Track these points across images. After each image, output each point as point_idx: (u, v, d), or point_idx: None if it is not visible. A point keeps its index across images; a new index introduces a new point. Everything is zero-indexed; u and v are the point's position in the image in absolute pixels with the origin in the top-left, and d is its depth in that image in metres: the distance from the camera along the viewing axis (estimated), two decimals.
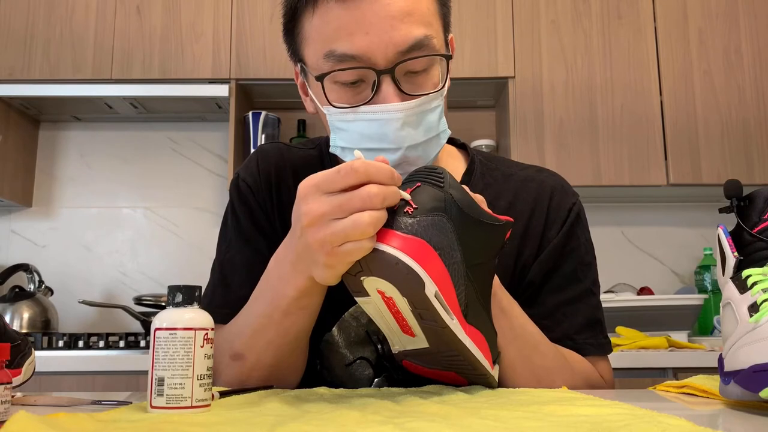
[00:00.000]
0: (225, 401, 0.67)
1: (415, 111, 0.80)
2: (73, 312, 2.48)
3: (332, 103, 0.82)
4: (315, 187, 0.67)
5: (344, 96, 0.82)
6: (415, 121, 0.81)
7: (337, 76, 0.80)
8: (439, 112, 0.84)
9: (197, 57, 2.36)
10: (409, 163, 0.81)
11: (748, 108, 2.34)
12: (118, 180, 2.62)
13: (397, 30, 0.78)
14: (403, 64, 0.79)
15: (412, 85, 0.81)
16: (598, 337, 0.94)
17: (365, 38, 0.78)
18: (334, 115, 0.83)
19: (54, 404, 0.70)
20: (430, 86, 0.82)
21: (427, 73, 0.82)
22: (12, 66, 2.34)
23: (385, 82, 0.79)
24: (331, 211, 0.65)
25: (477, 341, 0.70)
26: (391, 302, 0.66)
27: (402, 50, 0.79)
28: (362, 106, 0.80)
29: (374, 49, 0.78)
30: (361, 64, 0.79)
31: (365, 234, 0.63)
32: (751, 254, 0.68)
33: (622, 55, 2.37)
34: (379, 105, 0.79)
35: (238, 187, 0.98)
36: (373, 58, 0.79)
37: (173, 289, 0.61)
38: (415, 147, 0.81)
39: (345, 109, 0.81)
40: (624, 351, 1.92)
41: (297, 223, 0.69)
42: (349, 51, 0.79)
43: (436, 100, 0.83)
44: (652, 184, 2.31)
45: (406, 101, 0.80)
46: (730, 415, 0.60)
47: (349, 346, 0.90)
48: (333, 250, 0.65)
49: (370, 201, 0.63)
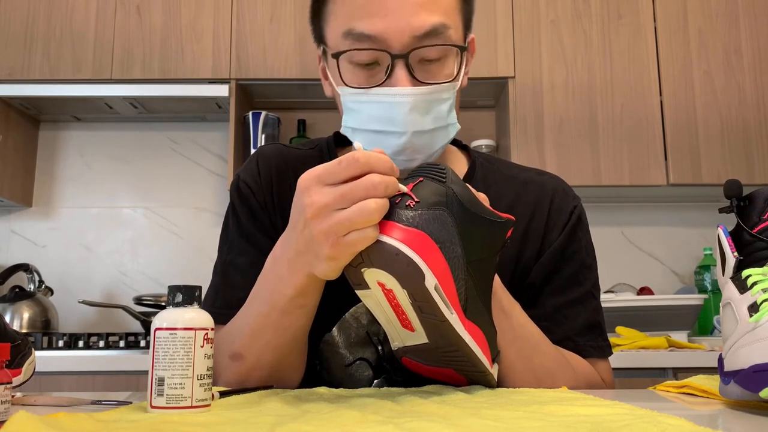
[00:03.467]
0: (225, 401, 0.67)
1: (424, 98, 0.81)
2: (73, 312, 2.48)
3: (347, 83, 0.84)
4: (316, 179, 0.67)
5: (359, 77, 0.83)
6: (424, 108, 0.81)
7: (353, 55, 0.82)
8: (450, 104, 0.85)
9: (197, 57, 2.36)
10: (415, 150, 0.81)
11: (748, 108, 2.34)
12: (118, 180, 2.62)
13: (416, 15, 0.80)
14: (417, 51, 0.81)
15: (425, 73, 0.82)
16: (598, 339, 0.94)
17: (384, 20, 0.80)
18: (348, 95, 0.84)
19: (54, 404, 0.70)
20: (443, 77, 0.83)
21: (442, 63, 0.83)
22: (12, 66, 2.34)
23: (398, 66, 0.80)
24: (335, 201, 0.65)
25: (476, 337, 0.70)
26: (391, 295, 0.66)
27: (418, 35, 0.80)
28: (374, 87, 0.82)
29: (391, 32, 0.80)
30: (376, 45, 0.81)
31: (372, 220, 0.64)
32: (751, 254, 0.68)
33: (622, 55, 2.37)
34: (389, 88, 0.81)
35: (238, 188, 0.98)
36: (389, 41, 0.80)
37: (173, 289, 0.61)
38: (421, 134, 0.82)
39: (358, 89, 0.83)
40: (624, 351, 1.92)
41: (300, 217, 0.69)
42: (367, 31, 0.80)
43: (447, 92, 0.84)
44: (652, 184, 2.31)
45: (417, 87, 0.81)
46: (730, 415, 0.60)
47: (349, 347, 0.90)
48: (338, 241, 0.65)
49: (374, 189, 0.64)
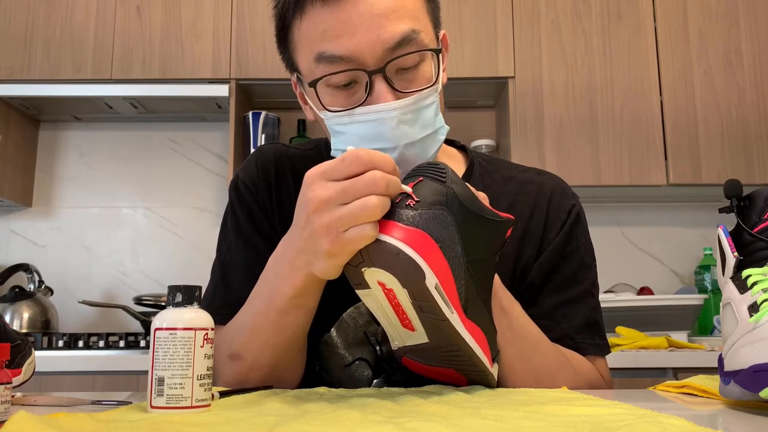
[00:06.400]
0: (225, 401, 0.67)
1: (410, 108, 0.80)
2: (73, 312, 2.48)
3: (327, 107, 0.82)
4: (321, 174, 0.68)
5: (339, 99, 0.82)
6: (411, 118, 0.80)
7: (329, 79, 0.80)
8: (434, 108, 0.84)
9: (197, 57, 2.36)
10: (408, 162, 0.80)
11: (748, 108, 2.34)
12: (118, 180, 2.62)
13: (384, 28, 0.78)
14: (393, 62, 0.79)
15: (404, 82, 0.81)
16: (596, 338, 0.94)
17: (353, 39, 0.78)
18: (331, 119, 0.83)
19: (54, 404, 0.70)
20: (423, 82, 0.82)
21: (419, 68, 0.82)
22: (12, 66, 2.34)
23: (377, 81, 0.79)
24: (336, 196, 0.65)
25: (476, 337, 0.70)
26: (392, 294, 0.66)
27: (390, 47, 0.79)
28: (357, 107, 0.80)
29: (362, 49, 0.78)
30: (351, 65, 0.79)
31: (373, 216, 0.64)
32: (751, 254, 0.68)
33: (622, 55, 2.37)
34: (373, 105, 0.79)
35: (237, 189, 0.98)
36: (363, 58, 0.79)
37: (173, 289, 0.61)
38: (412, 144, 0.81)
39: (340, 112, 0.81)
40: (624, 351, 1.92)
41: (303, 211, 0.69)
42: (338, 52, 0.79)
43: (430, 96, 0.83)
44: (652, 184, 2.31)
45: (400, 99, 0.80)
46: (730, 415, 0.60)
47: (347, 347, 0.90)
48: (337, 237, 0.65)
49: (375, 185, 0.64)
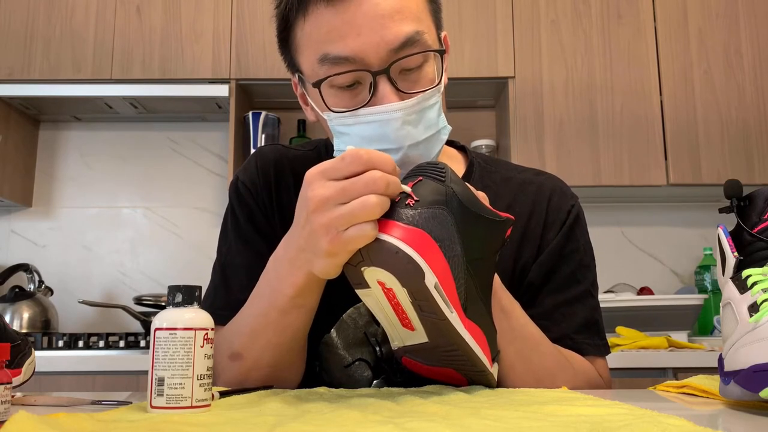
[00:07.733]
0: (225, 401, 0.67)
1: (414, 109, 0.80)
2: (73, 312, 2.48)
3: (331, 108, 0.82)
4: (320, 174, 0.68)
5: (342, 100, 0.82)
6: (415, 119, 0.81)
7: (333, 80, 0.80)
8: (437, 108, 0.84)
9: (197, 57, 2.36)
10: (411, 163, 0.80)
11: (748, 108, 2.34)
12: (118, 180, 2.62)
13: (388, 29, 0.78)
14: (397, 63, 0.79)
15: (408, 83, 0.81)
16: (596, 338, 0.94)
17: (357, 39, 0.78)
18: (335, 120, 0.83)
19: (54, 404, 0.70)
20: (426, 83, 0.82)
21: (422, 69, 0.82)
22: (12, 66, 2.34)
23: (381, 82, 0.79)
24: (336, 195, 0.66)
25: (476, 336, 0.70)
26: (391, 294, 0.67)
27: (394, 48, 0.79)
28: (361, 108, 0.80)
29: (367, 50, 0.78)
30: (355, 66, 0.79)
31: (372, 215, 0.64)
32: (751, 254, 0.68)
33: (622, 55, 2.37)
34: (377, 106, 0.79)
35: (237, 189, 0.98)
36: (367, 59, 0.79)
37: (173, 289, 0.61)
38: (416, 145, 0.81)
39: (344, 113, 0.81)
40: (624, 351, 1.92)
41: (302, 210, 0.70)
42: (342, 53, 0.78)
43: (434, 97, 0.83)
44: (652, 184, 2.31)
45: (405, 100, 0.80)
46: (730, 415, 0.60)
47: (347, 348, 0.90)
48: (337, 236, 0.65)
49: (374, 184, 0.64)
